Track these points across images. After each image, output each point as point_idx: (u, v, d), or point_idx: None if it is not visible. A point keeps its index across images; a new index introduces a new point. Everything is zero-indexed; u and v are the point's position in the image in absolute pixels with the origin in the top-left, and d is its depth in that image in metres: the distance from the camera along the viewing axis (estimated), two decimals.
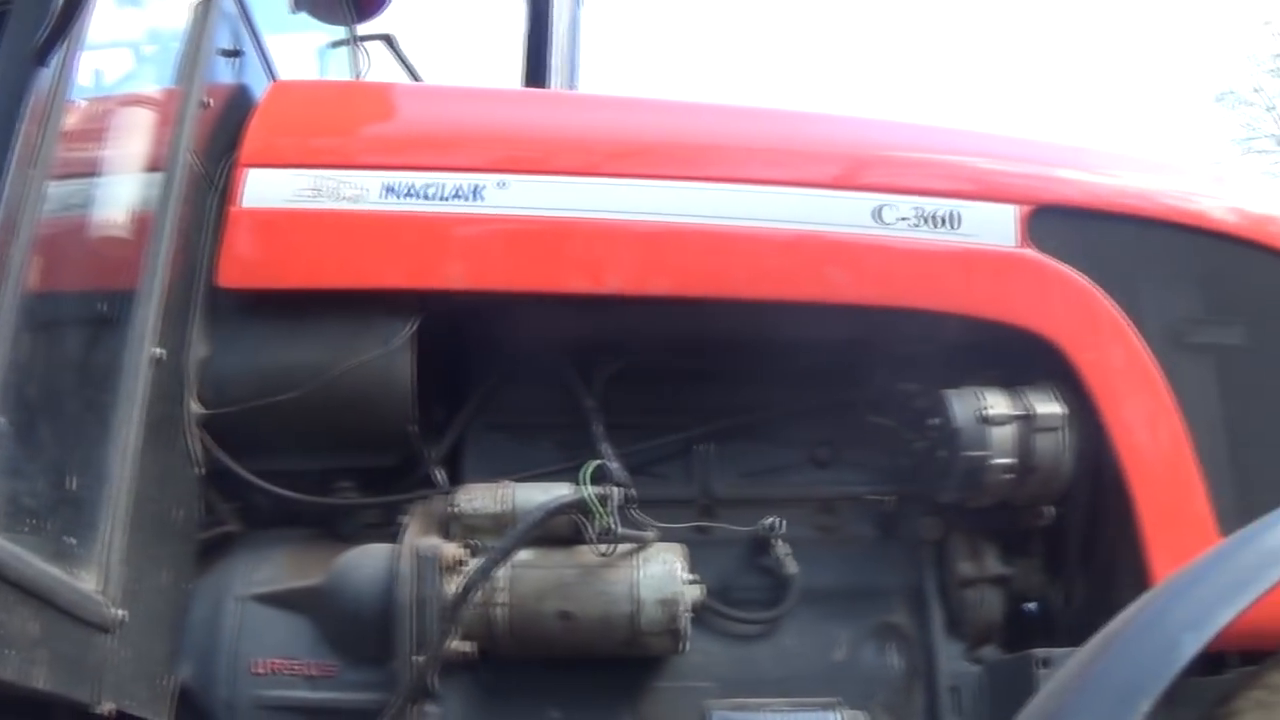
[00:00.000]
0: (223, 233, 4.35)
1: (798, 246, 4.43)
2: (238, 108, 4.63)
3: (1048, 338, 4.37)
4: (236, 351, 4.38)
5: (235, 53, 4.72)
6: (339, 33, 6.74)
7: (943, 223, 4.45)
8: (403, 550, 4.18)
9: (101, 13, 3.71)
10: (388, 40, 6.84)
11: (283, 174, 4.40)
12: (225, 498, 4.45)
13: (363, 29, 6.80)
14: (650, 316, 4.49)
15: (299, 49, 6.57)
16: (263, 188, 4.38)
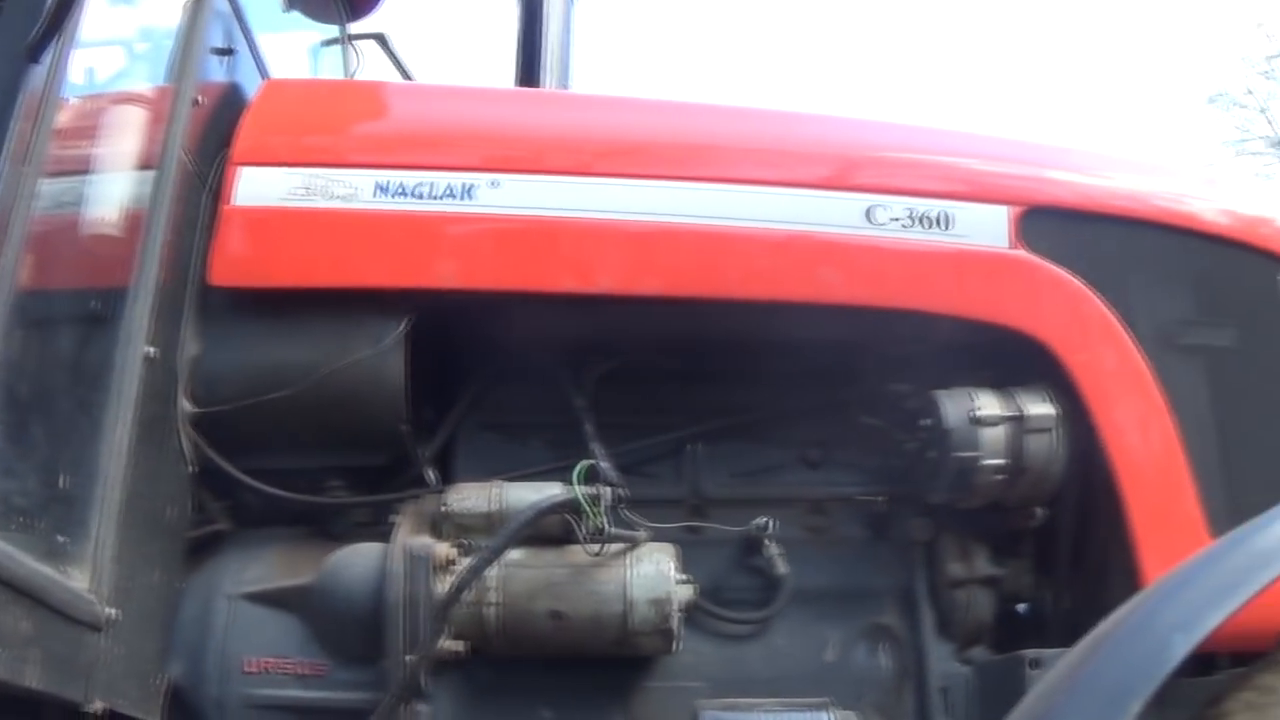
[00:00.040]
0: (215, 231, 4.35)
1: (790, 247, 4.43)
2: (230, 106, 4.63)
3: (1039, 339, 4.38)
4: (228, 350, 4.38)
5: (228, 51, 4.72)
6: (331, 31, 6.73)
7: (935, 223, 4.45)
8: (394, 549, 4.18)
9: (94, 10, 3.71)
10: (380, 39, 6.84)
11: (275, 172, 4.40)
12: (216, 496, 4.44)
13: (355, 28, 6.79)
14: (642, 316, 4.48)
15: (291, 48, 6.58)
16: (255, 186, 4.38)
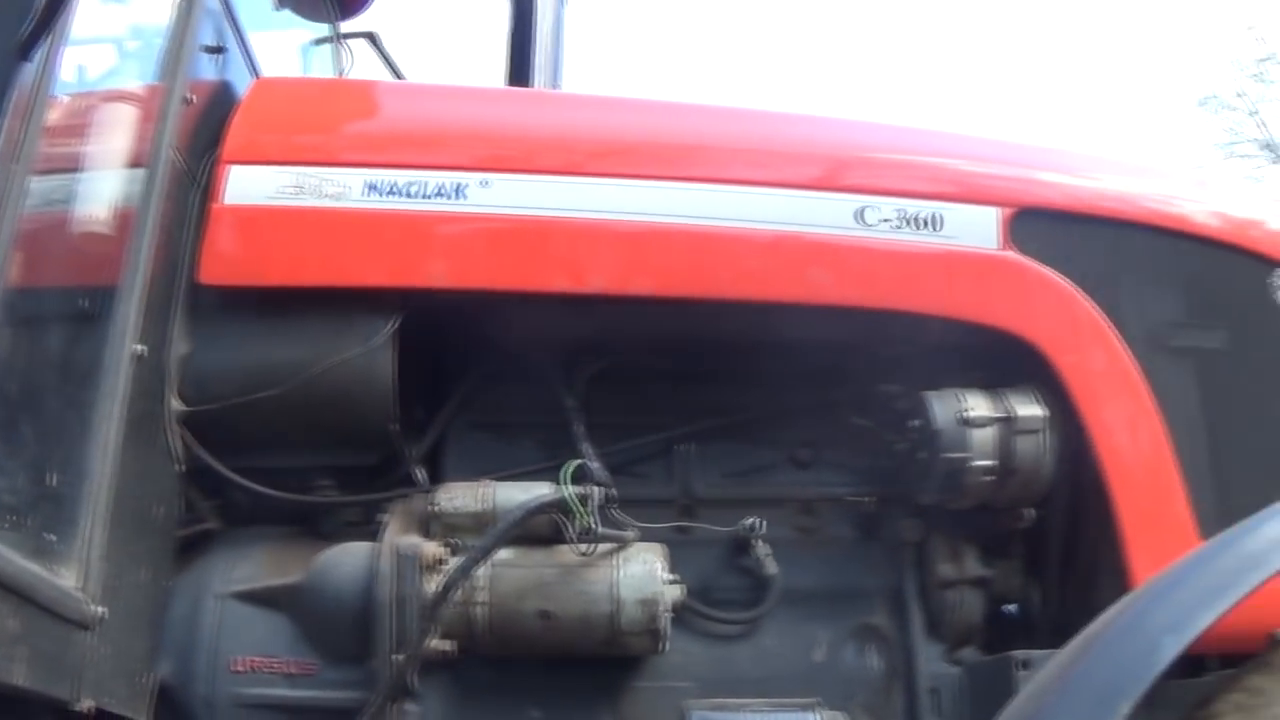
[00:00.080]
0: (205, 229, 4.34)
1: (780, 247, 4.43)
2: (220, 104, 4.62)
3: (1029, 340, 4.38)
4: (218, 348, 4.38)
5: (218, 49, 4.71)
6: (322, 30, 6.73)
7: (925, 224, 4.45)
8: (383, 548, 4.18)
9: (85, 8, 3.70)
10: (371, 38, 6.84)
11: (265, 171, 4.39)
12: (205, 495, 4.44)
13: (346, 26, 6.79)
14: (632, 316, 4.49)
15: (282, 46, 6.57)
16: (245, 185, 4.37)
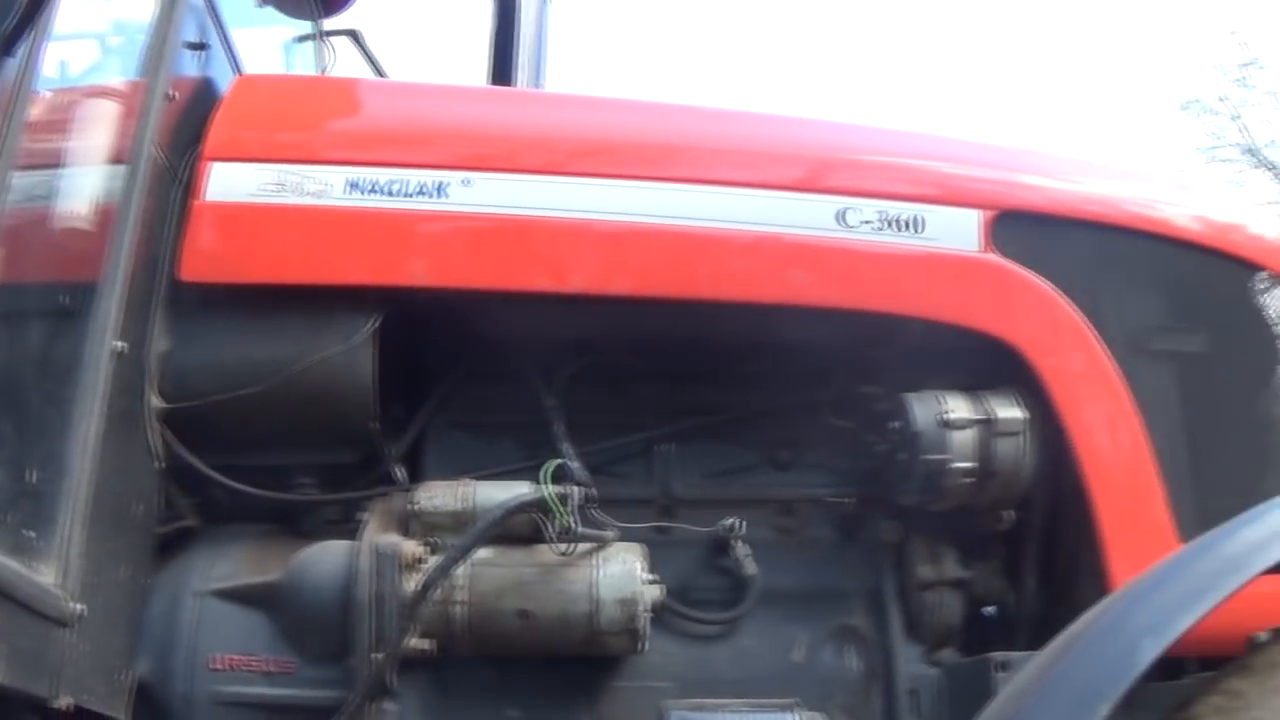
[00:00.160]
0: (186, 226, 4.33)
1: (761, 248, 4.43)
2: (202, 101, 4.61)
3: (1010, 343, 4.39)
4: (198, 346, 4.37)
5: (201, 46, 4.71)
6: (305, 27, 6.72)
7: (906, 226, 4.46)
8: (362, 547, 4.17)
9: (67, 4, 3.70)
10: (353, 36, 6.83)
11: (247, 168, 4.39)
12: (185, 492, 4.43)
13: (329, 24, 6.78)
14: (613, 316, 4.48)
15: (265, 43, 6.56)
16: (226, 182, 4.37)
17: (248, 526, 4.52)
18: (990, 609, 4.64)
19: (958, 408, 4.30)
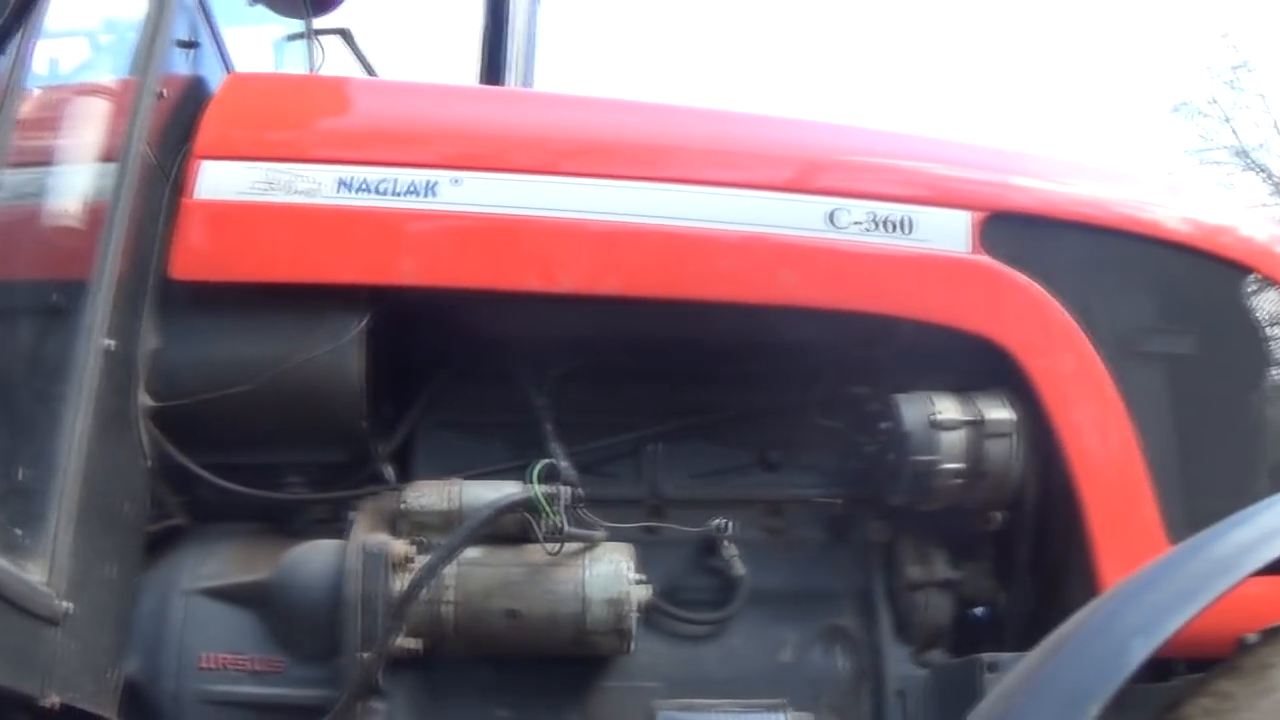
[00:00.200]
0: (176, 224, 4.32)
1: (751, 248, 4.43)
2: (193, 99, 4.60)
3: (999, 344, 4.39)
4: (187, 344, 4.36)
5: (192, 44, 4.70)
6: (296, 26, 6.72)
7: (896, 227, 4.46)
8: (351, 546, 4.16)
9: (58, 1, 3.69)
10: (344, 34, 6.84)
11: (237, 166, 4.38)
12: (174, 491, 4.42)
13: (319, 23, 6.79)
14: (603, 316, 4.48)
15: (255, 42, 6.56)
16: (216, 180, 4.36)
17: (237, 525, 4.50)
18: (979, 610, 4.64)
19: (947, 409, 4.30)
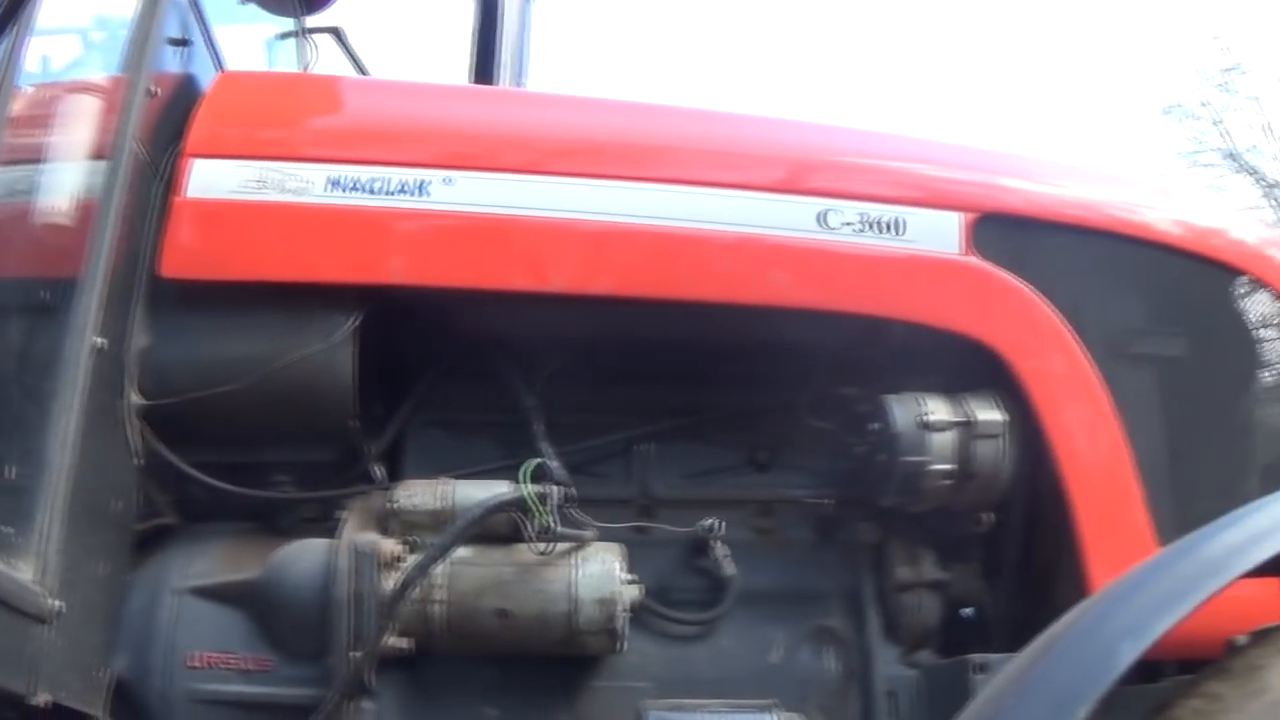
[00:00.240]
0: (166, 222, 4.31)
1: (742, 249, 4.43)
2: (184, 97, 4.60)
3: (990, 345, 4.39)
4: (178, 342, 4.35)
5: (183, 42, 4.69)
6: (287, 24, 6.71)
7: (887, 229, 4.46)
8: (340, 545, 4.16)
9: None
10: (336, 33, 6.81)
11: (228, 165, 4.37)
12: (163, 489, 4.41)
13: (311, 21, 6.76)
14: (593, 316, 4.48)
15: (247, 40, 6.56)
16: (207, 178, 4.35)
17: (226, 524, 4.49)
18: (968, 611, 4.65)
19: (937, 409, 4.30)
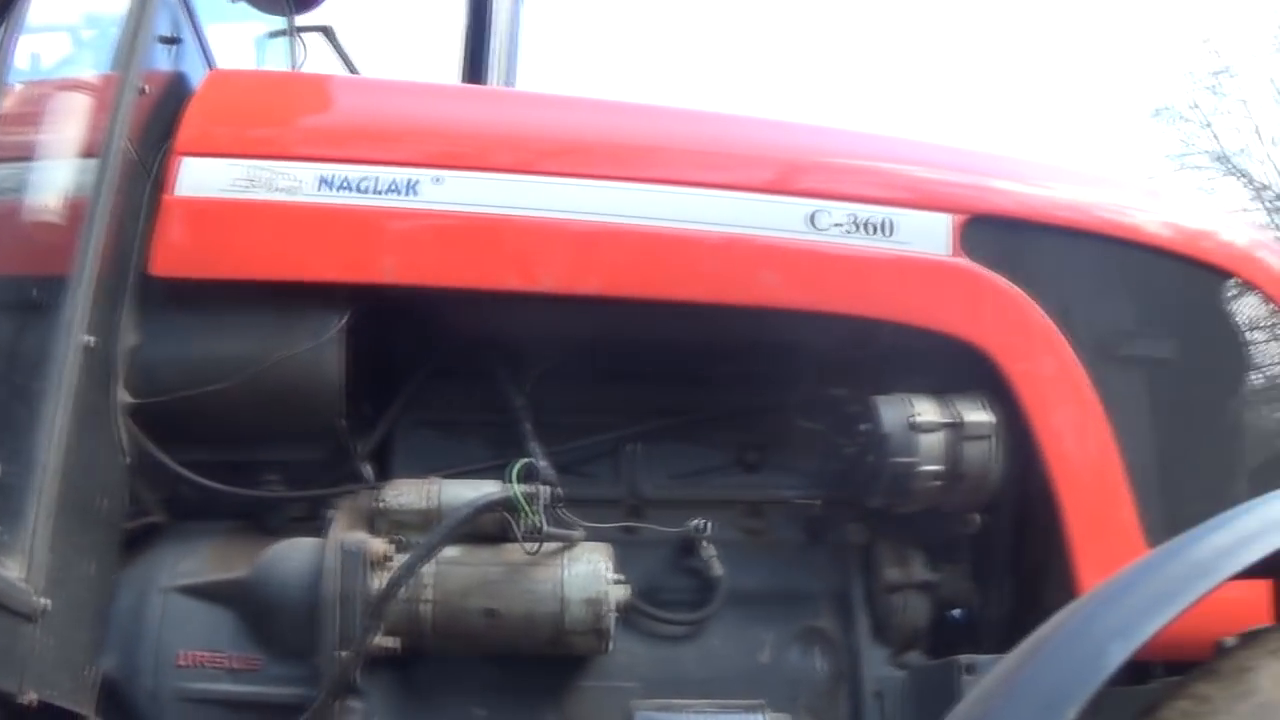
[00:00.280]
0: (156, 221, 4.30)
1: (732, 249, 4.43)
2: (175, 96, 4.59)
3: (979, 346, 4.39)
4: (167, 341, 4.34)
5: (174, 40, 4.69)
6: (278, 23, 6.71)
7: (877, 230, 4.46)
8: (329, 545, 4.16)
9: None
10: (326, 32, 6.82)
11: (218, 163, 4.37)
12: (152, 488, 4.40)
13: (301, 20, 6.76)
14: (583, 316, 4.47)
15: (237, 38, 6.55)
16: (197, 177, 4.34)
17: (215, 523, 4.49)
18: (957, 612, 4.64)
19: (926, 411, 4.30)
